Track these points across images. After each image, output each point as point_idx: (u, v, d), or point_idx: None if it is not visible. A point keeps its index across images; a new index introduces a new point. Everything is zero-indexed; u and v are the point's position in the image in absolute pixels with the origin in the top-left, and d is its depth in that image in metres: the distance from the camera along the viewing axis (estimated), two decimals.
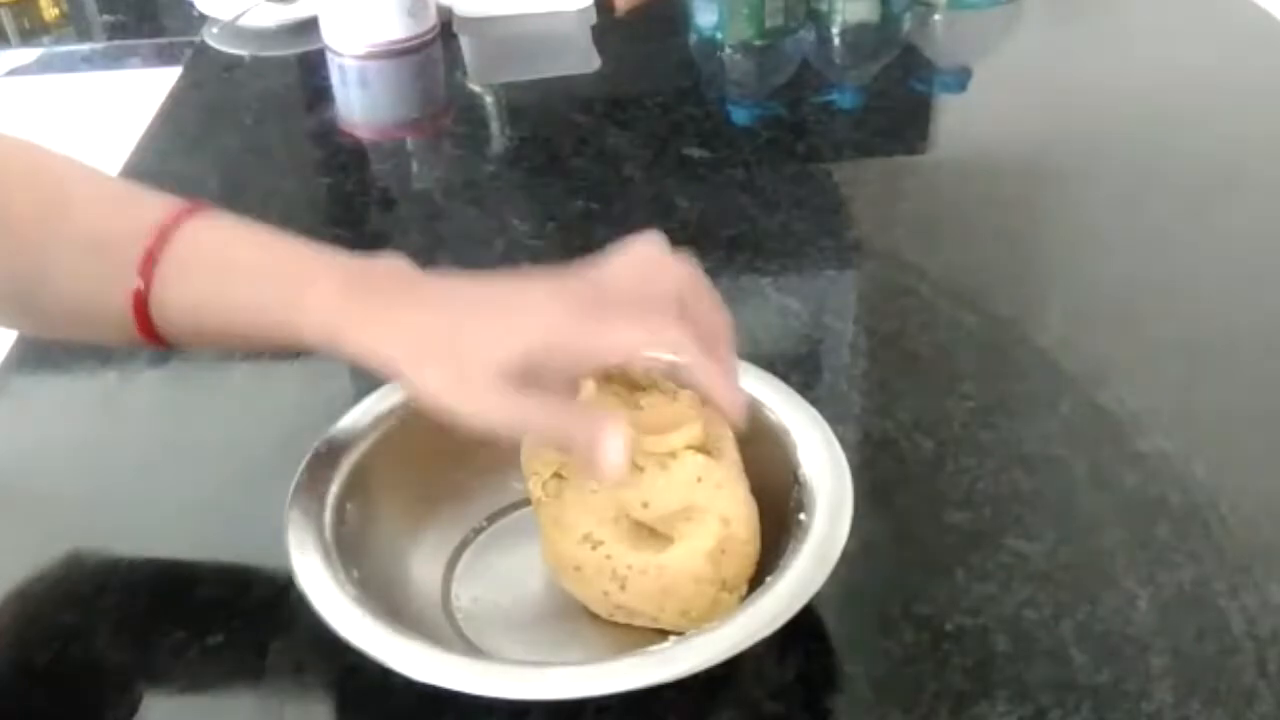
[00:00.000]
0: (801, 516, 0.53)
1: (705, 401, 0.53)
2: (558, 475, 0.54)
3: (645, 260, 0.53)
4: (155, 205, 0.55)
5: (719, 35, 1.14)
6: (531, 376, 0.48)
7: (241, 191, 0.95)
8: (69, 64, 1.30)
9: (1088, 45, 1.14)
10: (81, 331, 0.60)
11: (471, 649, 0.54)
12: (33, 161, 0.57)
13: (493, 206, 0.91)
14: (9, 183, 0.56)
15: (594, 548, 0.53)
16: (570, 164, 0.96)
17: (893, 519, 0.60)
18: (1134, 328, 0.75)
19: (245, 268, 0.54)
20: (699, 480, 0.52)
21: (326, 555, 0.52)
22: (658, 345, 0.51)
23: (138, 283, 0.53)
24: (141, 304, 0.53)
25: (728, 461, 0.54)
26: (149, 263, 0.53)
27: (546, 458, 0.55)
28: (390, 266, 0.53)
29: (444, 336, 0.50)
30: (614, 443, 0.48)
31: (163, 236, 0.53)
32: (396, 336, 0.51)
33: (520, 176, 0.97)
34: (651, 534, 0.53)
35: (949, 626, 0.55)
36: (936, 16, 1.19)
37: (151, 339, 0.55)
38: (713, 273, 0.53)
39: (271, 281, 0.53)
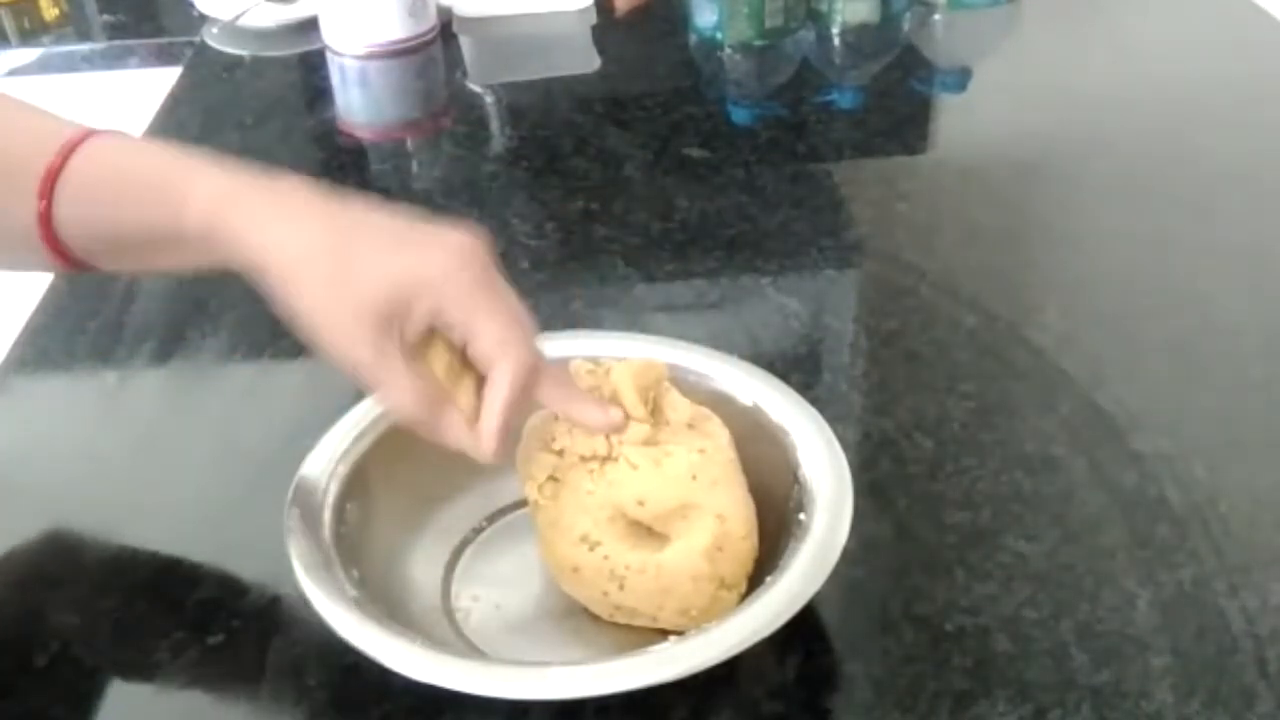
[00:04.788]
0: (801, 516, 0.53)
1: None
2: (553, 478, 0.54)
3: None
4: (62, 128, 0.55)
5: (719, 35, 1.14)
6: (394, 318, 0.48)
7: None
8: (69, 64, 1.30)
9: (1087, 45, 1.14)
10: None
11: (471, 649, 0.54)
12: None
13: (493, 206, 0.91)
14: None
15: (592, 549, 0.53)
16: (570, 164, 0.96)
17: (893, 519, 0.60)
18: (1133, 328, 0.75)
19: (138, 175, 0.54)
20: (694, 478, 0.52)
21: (326, 556, 0.52)
22: (510, 356, 0.50)
23: (39, 202, 0.53)
24: (46, 223, 0.54)
25: (723, 459, 0.54)
26: (49, 181, 0.53)
27: (542, 461, 0.54)
28: (292, 180, 0.52)
29: (332, 251, 0.49)
30: (458, 435, 0.50)
31: (64, 156, 0.53)
32: (283, 235, 0.50)
33: (520, 176, 0.97)
34: (649, 533, 0.53)
35: (949, 626, 0.55)
36: (936, 16, 1.19)
37: (63, 260, 0.55)
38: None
39: (162, 183, 0.53)
